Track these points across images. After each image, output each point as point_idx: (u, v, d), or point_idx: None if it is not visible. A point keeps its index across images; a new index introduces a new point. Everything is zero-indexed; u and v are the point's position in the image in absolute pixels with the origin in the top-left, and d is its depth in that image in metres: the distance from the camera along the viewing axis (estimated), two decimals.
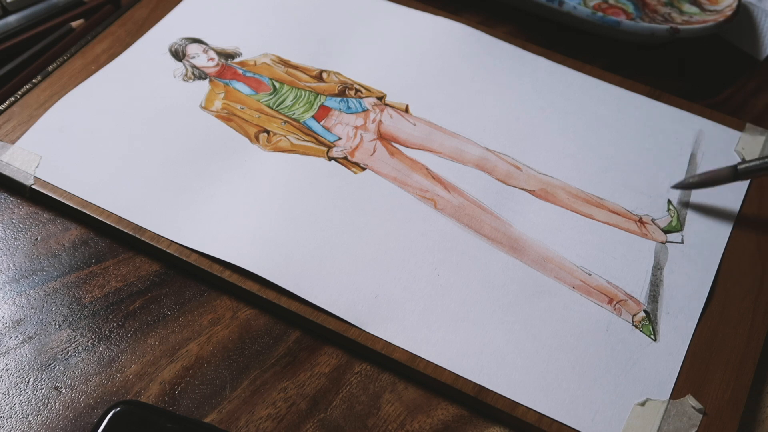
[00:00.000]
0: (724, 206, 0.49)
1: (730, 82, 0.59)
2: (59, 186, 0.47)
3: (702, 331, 0.44)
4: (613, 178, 0.50)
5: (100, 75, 0.53)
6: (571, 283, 0.45)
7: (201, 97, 0.53)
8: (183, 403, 0.40)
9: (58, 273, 0.45)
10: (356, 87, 0.54)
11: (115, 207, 0.46)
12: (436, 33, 0.58)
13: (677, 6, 0.61)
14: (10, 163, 0.48)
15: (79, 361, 0.42)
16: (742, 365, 0.42)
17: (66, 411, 0.40)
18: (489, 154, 0.51)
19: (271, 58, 0.55)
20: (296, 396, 0.41)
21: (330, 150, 0.50)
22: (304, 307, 0.43)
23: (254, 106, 0.52)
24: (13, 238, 0.46)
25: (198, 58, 0.55)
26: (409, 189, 0.49)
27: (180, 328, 0.43)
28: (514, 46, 0.57)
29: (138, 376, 0.41)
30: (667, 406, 0.41)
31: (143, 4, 0.58)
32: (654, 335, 0.43)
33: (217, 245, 0.45)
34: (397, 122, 0.52)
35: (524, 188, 0.49)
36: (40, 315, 0.43)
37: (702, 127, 0.53)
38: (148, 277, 0.45)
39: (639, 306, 0.44)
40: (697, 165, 0.51)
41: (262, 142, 0.50)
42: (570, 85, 0.55)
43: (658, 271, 0.46)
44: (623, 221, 0.48)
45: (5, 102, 0.51)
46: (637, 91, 0.55)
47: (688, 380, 0.42)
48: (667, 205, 0.49)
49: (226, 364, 0.42)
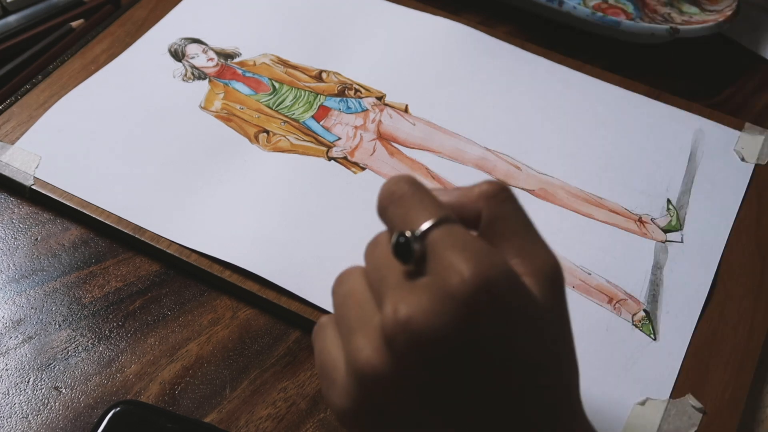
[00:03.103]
0: (724, 205, 0.49)
1: (730, 82, 0.59)
2: (59, 186, 0.47)
3: (702, 330, 0.44)
4: (612, 178, 0.50)
5: (99, 75, 0.53)
6: (571, 282, 0.45)
7: (200, 97, 0.53)
8: (183, 403, 0.40)
9: (58, 273, 0.45)
10: (356, 87, 0.54)
11: (115, 207, 0.46)
12: (436, 33, 0.58)
13: (677, 6, 0.61)
14: (10, 164, 0.48)
15: (79, 361, 0.42)
16: (742, 365, 0.42)
17: (66, 411, 0.40)
18: (489, 153, 0.51)
19: (271, 58, 0.55)
20: (296, 396, 0.41)
21: (330, 150, 0.50)
22: (304, 307, 0.43)
23: (254, 107, 0.52)
24: (13, 238, 0.46)
25: (197, 58, 0.55)
26: None
27: (180, 328, 0.43)
28: (514, 46, 0.57)
29: (138, 376, 0.41)
30: (667, 406, 0.41)
31: (143, 4, 0.58)
32: (654, 334, 0.43)
33: (217, 245, 0.45)
34: (397, 122, 0.52)
35: (524, 188, 0.49)
36: (40, 315, 0.43)
37: (701, 127, 0.53)
38: (148, 277, 0.45)
39: (639, 305, 0.44)
40: (697, 164, 0.51)
41: (262, 142, 0.50)
42: (570, 85, 0.55)
43: (658, 270, 0.46)
44: (623, 221, 0.48)
45: (5, 102, 0.51)
46: (636, 90, 0.55)
47: (688, 379, 0.42)
48: (667, 205, 0.49)
49: (226, 364, 0.42)
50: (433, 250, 0.29)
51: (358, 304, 0.31)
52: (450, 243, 0.29)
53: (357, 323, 0.30)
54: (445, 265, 0.28)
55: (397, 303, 0.28)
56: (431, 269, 0.29)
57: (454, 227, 0.29)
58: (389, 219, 0.32)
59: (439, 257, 0.28)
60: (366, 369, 0.29)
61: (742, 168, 0.51)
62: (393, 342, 0.28)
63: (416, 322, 0.28)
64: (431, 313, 0.27)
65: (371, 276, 0.31)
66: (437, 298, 0.28)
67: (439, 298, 0.28)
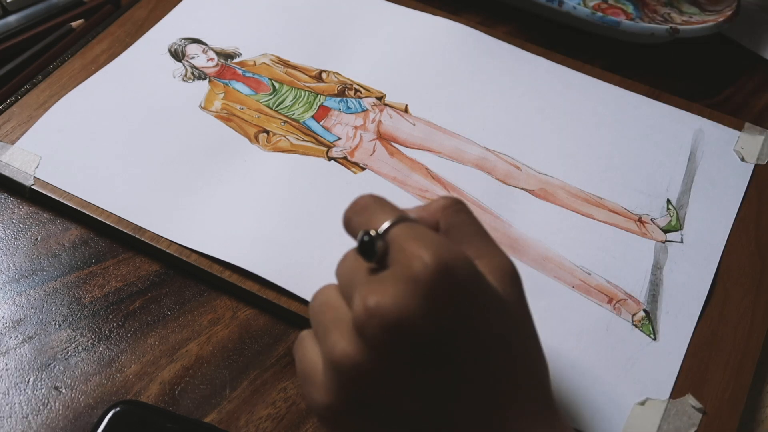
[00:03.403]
0: (724, 205, 0.49)
1: (730, 82, 0.59)
2: (59, 186, 0.47)
3: (701, 330, 0.44)
4: (612, 178, 0.50)
5: (99, 75, 0.53)
6: (571, 282, 0.45)
7: (200, 97, 0.53)
8: (183, 403, 0.40)
9: (58, 273, 0.45)
10: (355, 87, 0.54)
11: (115, 207, 0.46)
12: (436, 33, 0.58)
13: (677, 6, 0.61)
14: (10, 164, 0.48)
15: (79, 361, 0.42)
16: (742, 365, 0.42)
17: (66, 411, 0.40)
18: (488, 153, 0.51)
19: (271, 58, 0.55)
20: (296, 396, 0.41)
21: (330, 150, 0.50)
22: (304, 307, 0.43)
23: (254, 107, 0.52)
24: (13, 238, 0.46)
25: (197, 58, 0.55)
26: (408, 189, 0.49)
27: (180, 328, 0.43)
28: (514, 46, 0.57)
29: (138, 376, 0.41)
30: (667, 406, 0.41)
31: (143, 4, 0.58)
32: (654, 334, 0.43)
33: (217, 245, 0.45)
34: (397, 122, 0.52)
35: (524, 188, 0.49)
36: (40, 315, 0.43)
37: (701, 127, 0.53)
38: (148, 277, 0.45)
39: (638, 305, 0.44)
40: (697, 164, 0.51)
41: (262, 142, 0.50)
42: (569, 85, 0.55)
43: (658, 270, 0.46)
44: (623, 221, 0.48)
45: (5, 102, 0.51)
46: (636, 90, 0.55)
47: (687, 379, 0.42)
48: (667, 205, 0.49)
49: (226, 364, 0.42)
50: (395, 244, 0.32)
51: (332, 309, 0.33)
52: (410, 236, 0.31)
53: (331, 324, 0.32)
54: (407, 255, 0.30)
55: (365, 295, 0.30)
56: (394, 260, 0.31)
57: (412, 224, 0.32)
58: (354, 227, 0.35)
59: (401, 249, 0.31)
60: (343, 360, 0.31)
61: (742, 168, 0.51)
62: (365, 330, 0.30)
63: (385, 308, 0.30)
64: (398, 297, 0.30)
65: (342, 283, 0.34)
66: (402, 284, 0.30)
67: (404, 283, 0.30)
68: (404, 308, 0.29)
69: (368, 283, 0.31)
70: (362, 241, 0.32)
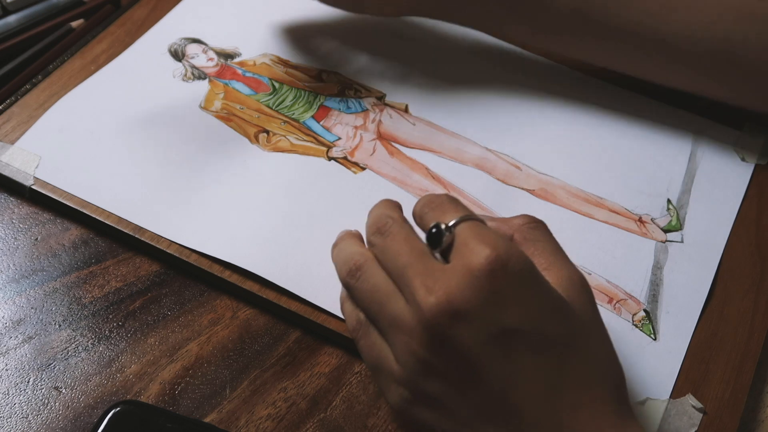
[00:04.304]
0: (724, 205, 0.49)
1: None
2: (59, 186, 0.47)
3: (702, 330, 0.44)
4: (612, 178, 0.50)
5: (99, 75, 0.53)
6: None
7: (200, 97, 0.53)
8: (183, 403, 0.40)
9: (58, 273, 0.45)
10: (356, 87, 0.54)
11: (115, 207, 0.46)
12: (436, 33, 0.58)
13: None
14: (10, 164, 0.48)
15: (79, 361, 0.42)
16: (742, 364, 0.42)
17: (66, 411, 0.40)
18: (488, 153, 0.51)
19: (271, 58, 0.55)
20: (296, 396, 0.41)
21: (330, 150, 0.50)
22: (304, 307, 0.43)
23: (254, 106, 0.52)
24: (13, 238, 0.46)
25: (197, 58, 0.55)
26: (408, 189, 0.49)
27: (180, 328, 0.43)
28: (514, 46, 0.57)
29: (138, 376, 0.41)
30: (668, 406, 0.41)
31: (143, 4, 0.58)
32: (654, 334, 0.43)
33: (217, 245, 0.45)
34: (397, 122, 0.52)
35: (524, 188, 0.49)
36: (40, 315, 0.43)
37: (701, 126, 0.53)
38: (148, 277, 0.45)
39: (639, 305, 0.44)
40: (697, 164, 0.51)
41: (262, 142, 0.50)
42: (570, 85, 0.55)
43: (658, 270, 0.46)
44: (623, 220, 0.48)
45: (5, 102, 0.51)
46: (637, 90, 0.55)
47: (688, 379, 0.42)
48: (667, 204, 0.49)
49: (226, 364, 0.42)
50: (460, 238, 0.35)
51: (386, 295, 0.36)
52: (474, 233, 0.34)
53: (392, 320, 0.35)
54: (469, 249, 0.34)
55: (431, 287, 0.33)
56: (457, 254, 0.34)
57: (478, 223, 0.36)
58: (426, 220, 0.38)
59: (464, 243, 0.34)
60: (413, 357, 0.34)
61: (742, 168, 0.51)
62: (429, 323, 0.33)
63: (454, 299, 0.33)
64: (456, 287, 0.33)
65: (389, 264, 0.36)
66: (460, 276, 0.33)
67: (462, 275, 0.33)
68: (461, 298, 0.32)
69: (430, 273, 0.34)
70: (431, 232, 0.36)
